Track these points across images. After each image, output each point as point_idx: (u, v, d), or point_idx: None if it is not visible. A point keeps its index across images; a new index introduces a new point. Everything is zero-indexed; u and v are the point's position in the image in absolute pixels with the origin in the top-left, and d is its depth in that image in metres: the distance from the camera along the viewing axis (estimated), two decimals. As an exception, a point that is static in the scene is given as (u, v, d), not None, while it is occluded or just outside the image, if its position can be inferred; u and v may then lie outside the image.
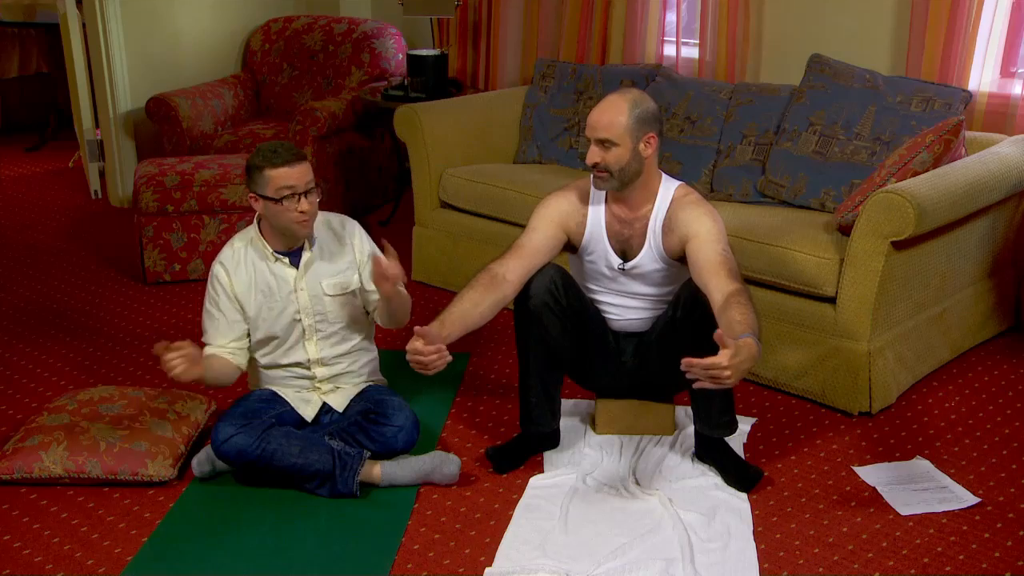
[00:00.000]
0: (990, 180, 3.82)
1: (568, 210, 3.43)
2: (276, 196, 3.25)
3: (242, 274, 3.41)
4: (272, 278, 3.40)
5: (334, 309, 3.47)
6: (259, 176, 3.26)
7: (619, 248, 3.41)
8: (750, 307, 3.01)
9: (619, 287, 3.47)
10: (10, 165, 7.09)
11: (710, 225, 3.23)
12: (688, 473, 3.40)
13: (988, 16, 4.30)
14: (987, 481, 3.38)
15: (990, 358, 4.24)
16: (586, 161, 3.26)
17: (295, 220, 3.29)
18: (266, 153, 3.28)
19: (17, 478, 3.31)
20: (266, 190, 3.26)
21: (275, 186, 3.24)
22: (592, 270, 3.49)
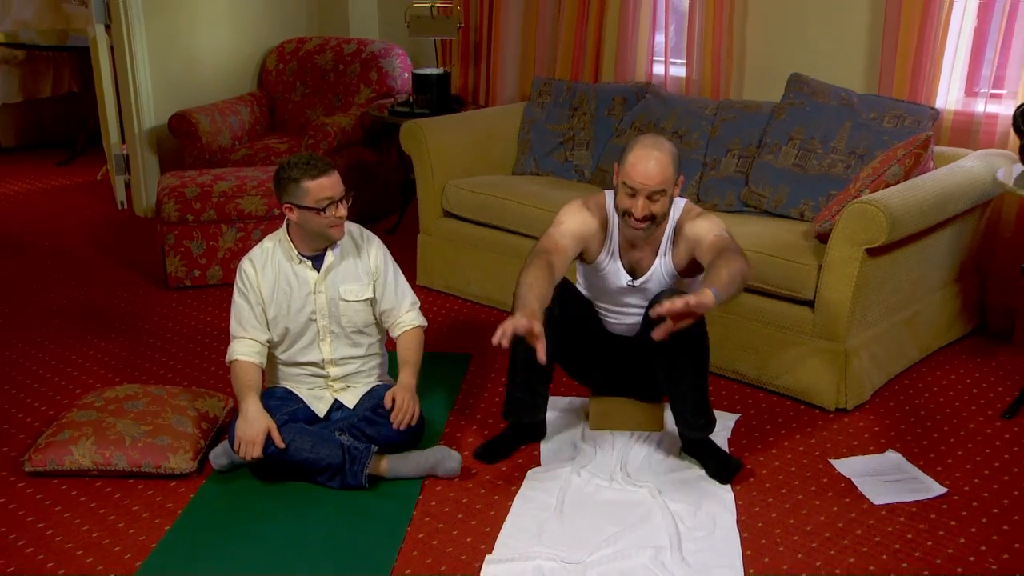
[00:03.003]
0: (957, 192, 3.82)
1: (591, 232, 3.37)
2: (318, 206, 3.28)
3: (268, 272, 3.43)
4: (294, 278, 3.42)
5: (348, 314, 3.47)
6: (296, 188, 3.28)
7: (629, 267, 3.40)
8: (729, 264, 3.05)
9: (624, 300, 3.47)
10: (43, 178, 7.10)
11: (708, 224, 3.27)
12: (676, 466, 3.40)
13: (953, 40, 4.32)
14: (953, 472, 3.39)
15: (956, 358, 4.25)
16: (634, 213, 3.18)
17: (332, 225, 3.33)
18: (301, 166, 3.29)
19: (49, 470, 3.32)
20: (305, 200, 3.28)
21: (315, 197, 3.27)
22: (601, 285, 3.48)
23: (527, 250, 4.39)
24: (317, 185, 3.27)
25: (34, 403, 3.87)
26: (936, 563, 2.91)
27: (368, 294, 3.49)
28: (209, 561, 2.94)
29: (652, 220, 3.21)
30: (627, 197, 3.19)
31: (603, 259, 3.41)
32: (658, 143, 3.22)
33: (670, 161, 3.18)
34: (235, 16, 6.25)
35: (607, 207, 3.40)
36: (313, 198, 3.27)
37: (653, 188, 3.14)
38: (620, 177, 3.23)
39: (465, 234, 4.81)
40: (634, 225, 3.22)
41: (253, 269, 3.43)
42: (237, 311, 3.44)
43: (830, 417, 3.76)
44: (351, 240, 3.51)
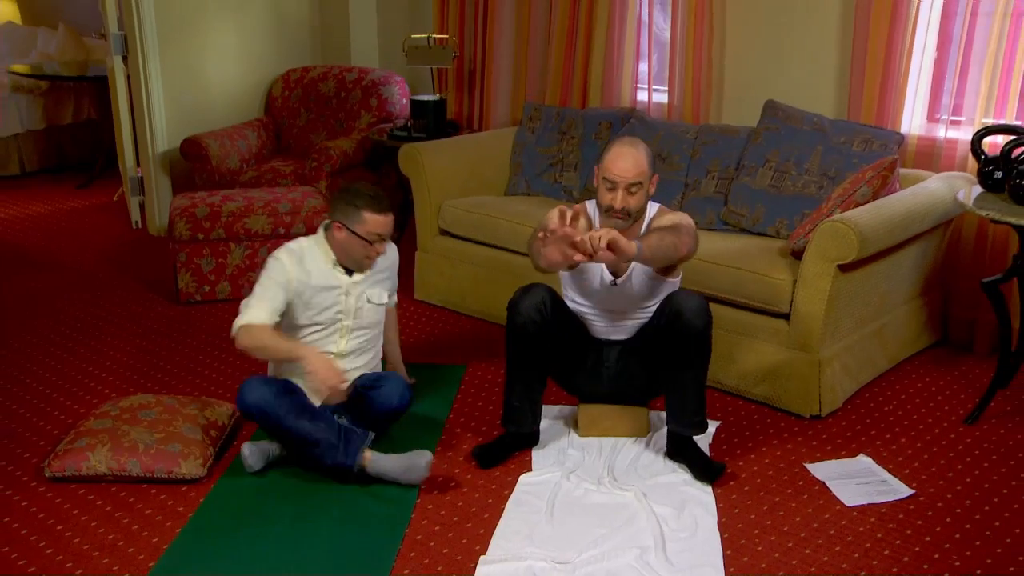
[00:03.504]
0: (921, 211, 3.84)
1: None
2: (368, 238, 3.39)
3: (304, 267, 3.44)
4: (328, 278, 3.47)
5: (369, 315, 3.57)
6: (356, 214, 3.38)
7: (611, 267, 3.40)
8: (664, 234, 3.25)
9: (608, 301, 3.49)
10: (63, 200, 7.10)
11: (672, 216, 3.42)
12: (660, 471, 3.40)
13: (915, 71, 4.35)
14: (920, 475, 3.40)
15: (922, 367, 4.26)
16: (613, 205, 3.28)
17: (368, 258, 3.44)
18: (369, 198, 3.40)
19: (68, 475, 3.32)
20: (358, 228, 3.38)
21: (369, 229, 3.39)
22: (586, 286, 3.49)
23: (519, 266, 4.45)
24: (375, 220, 3.39)
25: (53, 411, 3.86)
26: (904, 561, 2.92)
27: (385, 299, 3.60)
28: (217, 562, 2.93)
29: (630, 213, 3.30)
30: (607, 192, 3.29)
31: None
32: (634, 142, 3.34)
33: (645, 158, 3.30)
34: (243, 47, 6.26)
35: (588, 211, 3.51)
36: (367, 230, 3.38)
37: (631, 180, 3.25)
38: (600, 174, 3.32)
39: (460, 251, 4.82)
40: (615, 216, 3.30)
41: (290, 259, 3.42)
42: (261, 292, 3.39)
43: (805, 423, 3.76)
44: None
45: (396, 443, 3.54)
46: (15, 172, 7.66)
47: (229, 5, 6.09)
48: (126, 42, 5.92)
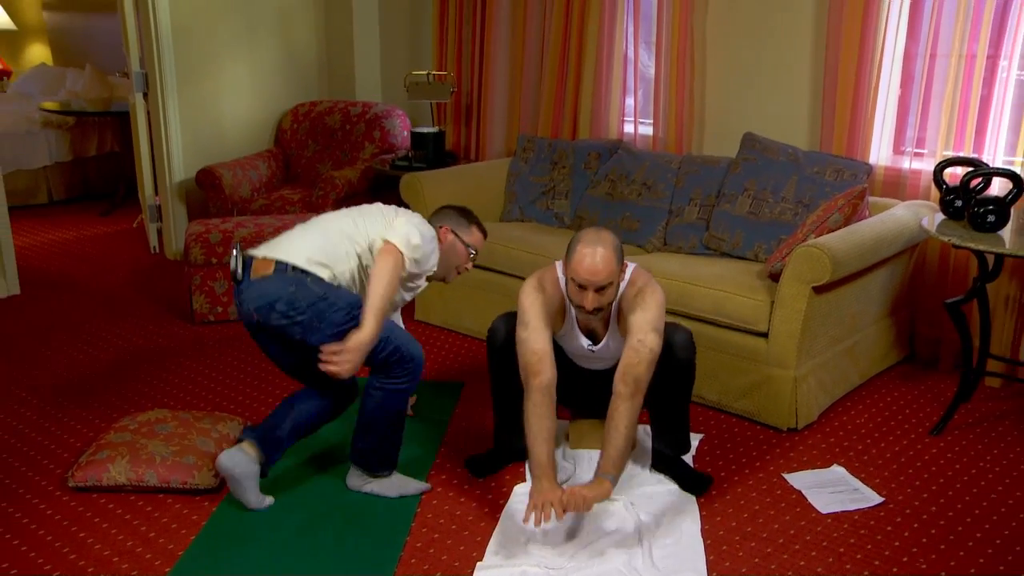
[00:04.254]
0: (889, 236, 3.85)
1: (553, 310, 3.23)
2: (470, 249, 3.50)
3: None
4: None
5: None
6: (467, 227, 3.50)
7: (587, 332, 3.32)
8: (623, 426, 2.99)
9: (589, 361, 3.44)
10: (87, 226, 7.10)
11: (640, 317, 3.11)
12: (646, 481, 3.39)
13: (881, 107, 4.38)
14: (890, 484, 3.39)
15: (891, 382, 4.26)
16: (585, 307, 3.06)
17: (460, 271, 3.53)
18: (477, 219, 3.55)
19: (89, 485, 3.31)
20: (466, 239, 3.49)
21: (475, 242, 3.51)
22: (568, 347, 3.42)
23: (514, 289, 4.42)
24: (480, 238, 3.53)
25: (76, 425, 3.84)
26: (875, 564, 2.92)
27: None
28: (228, 567, 2.91)
29: (601, 309, 3.10)
30: (577, 291, 3.07)
31: (565, 330, 3.34)
32: (599, 238, 3.07)
33: (613, 255, 3.04)
34: (254, 84, 6.27)
35: (560, 284, 3.25)
36: (474, 241, 3.50)
37: (600, 282, 3.03)
38: (568, 272, 3.10)
39: (458, 274, 4.82)
40: (585, 318, 3.23)
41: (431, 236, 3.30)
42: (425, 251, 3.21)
43: (782, 436, 3.76)
44: None
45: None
46: (44, 201, 7.70)
47: (242, 45, 6.11)
48: (147, 80, 5.94)
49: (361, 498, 3.28)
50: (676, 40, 4.88)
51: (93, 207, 7.65)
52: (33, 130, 7.47)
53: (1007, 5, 3.98)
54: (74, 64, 8.67)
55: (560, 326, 3.32)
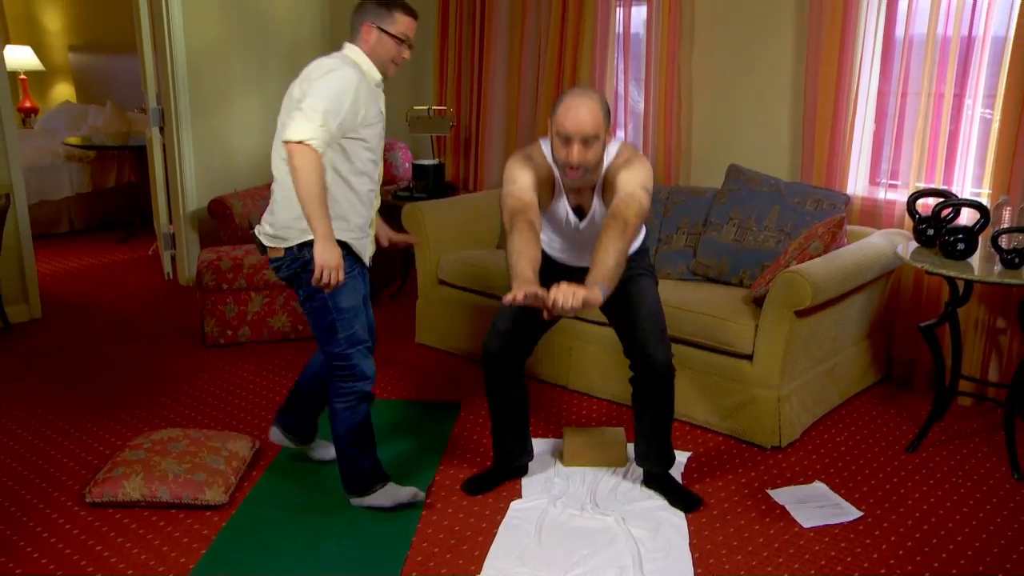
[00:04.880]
0: (866, 263, 3.85)
1: (541, 180, 3.03)
2: (401, 37, 3.06)
3: (365, 89, 2.99)
4: (377, 97, 3.10)
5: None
6: (388, 15, 3.04)
7: (575, 206, 3.12)
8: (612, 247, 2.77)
9: (576, 237, 3.21)
10: (106, 253, 7.09)
11: (627, 176, 2.93)
12: (637, 497, 3.37)
13: (857, 141, 4.41)
14: (868, 499, 3.38)
15: (869, 402, 4.25)
16: (570, 162, 2.87)
17: (395, 60, 3.09)
18: (401, 1, 3.07)
19: (105, 501, 3.29)
20: (392, 28, 3.04)
21: (403, 29, 3.06)
22: (555, 226, 3.20)
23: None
24: (408, 21, 3.07)
25: (93, 443, 3.82)
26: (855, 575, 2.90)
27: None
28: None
29: (588, 168, 2.91)
30: (561, 146, 2.88)
31: (553, 203, 3.12)
32: (586, 92, 2.90)
33: (599, 107, 2.86)
34: (264, 118, 6.28)
35: (547, 156, 3.05)
36: (399, 29, 3.05)
37: (587, 133, 2.83)
38: (553, 128, 2.90)
39: (457, 299, 4.80)
40: (570, 175, 2.93)
41: (357, 77, 2.97)
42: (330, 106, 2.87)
43: (767, 453, 3.74)
44: None
45: (396, 471, 3.51)
46: (65, 230, 7.71)
47: (253, 81, 6.12)
48: (163, 115, 5.96)
49: (363, 515, 3.25)
50: (664, 78, 4.90)
51: (111, 235, 7.65)
52: (57, 163, 7.50)
53: (970, 49, 4.01)
54: (96, 101, 8.73)
55: (548, 199, 3.10)
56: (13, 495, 3.42)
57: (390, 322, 5.34)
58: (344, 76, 2.93)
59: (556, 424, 3.98)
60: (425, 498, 3.36)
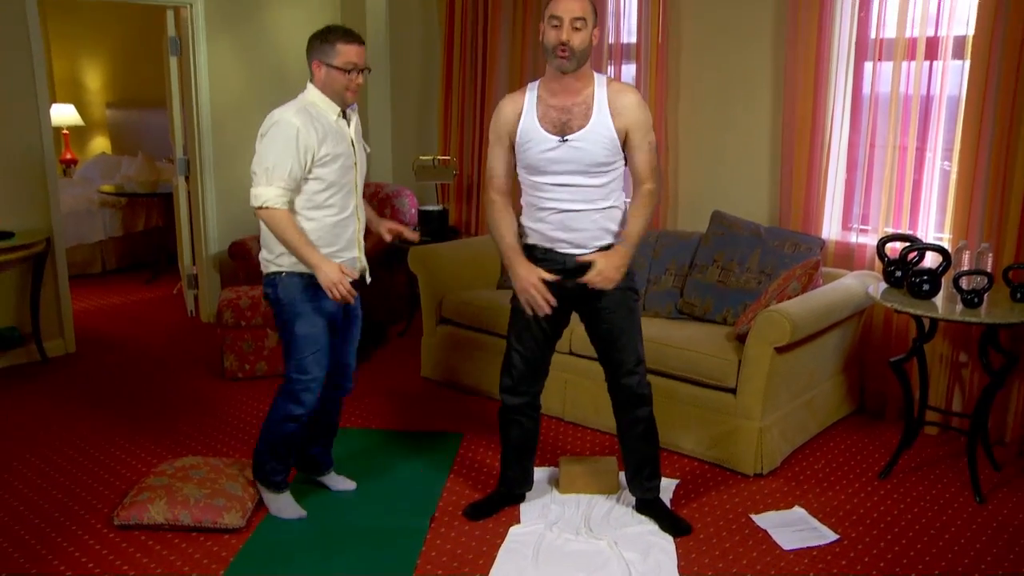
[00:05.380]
0: (840, 302, 3.87)
1: (509, 116, 3.06)
2: (344, 67, 3.04)
3: (315, 127, 3.05)
4: (339, 130, 3.13)
5: (363, 162, 3.26)
6: (331, 49, 3.04)
7: (556, 131, 3.00)
8: (642, 210, 3.08)
9: (559, 168, 3.03)
10: (133, 292, 7.11)
11: (642, 118, 3.03)
12: (629, 522, 3.36)
13: (831, 189, 4.44)
14: (844, 522, 3.37)
15: (844, 431, 4.24)
16: (559, 41, 2.89)
17: (347, 87, 3.07)
18: (340, 32, 3.06)
19: (132, 524, 3.29)
20: (334, 61, 3.03)
21: (344, 59, 3.03)
22: (532, 160, 3.05)
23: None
24: (348, 49, 3.04)
25: (120, 469, 3.82)
26: (835, 598, 2.88)
27: (368, 148, 3.33)
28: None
29: (575, 51, 2.90)
30: (552, 30, 2.91)
31: (523, 132, 3.04)
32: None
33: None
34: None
35: (527, 88, 3.08)
36: (343, 60, 3.03)
37: (576, 15, 2.88)
38: (546, 15, 2.93)
39: (459, 337, 4.81)
40: (560, 54, 2.90)
41: (303, 127, 3.01)
42: (281, 163, 2.98)
43: (749, 480, 3.73)
44: (354, 112, 3.26)
45: (401, 497, 3.50)
46: (98, 270, 7.74)
47: (272, 134, 6.17)
48: (188, 165, 6.00)
49: (370, 539, 3.24)
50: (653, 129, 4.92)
51: (140, 276, 7.67)
52: (92, 209, 7.59)
53: (929, 107, 4.08)
54: (128, 152, 8.85)
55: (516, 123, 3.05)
56: (47, 516, 3.42)
57: (397, 357, 5.34)
58: (281, 129, 3.00)
59: (553, 453, 3.97)
60: (429, 523, 3.34)
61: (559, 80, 2.99)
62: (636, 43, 4.97)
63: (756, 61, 4.63)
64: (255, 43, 6.00)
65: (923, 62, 4.04)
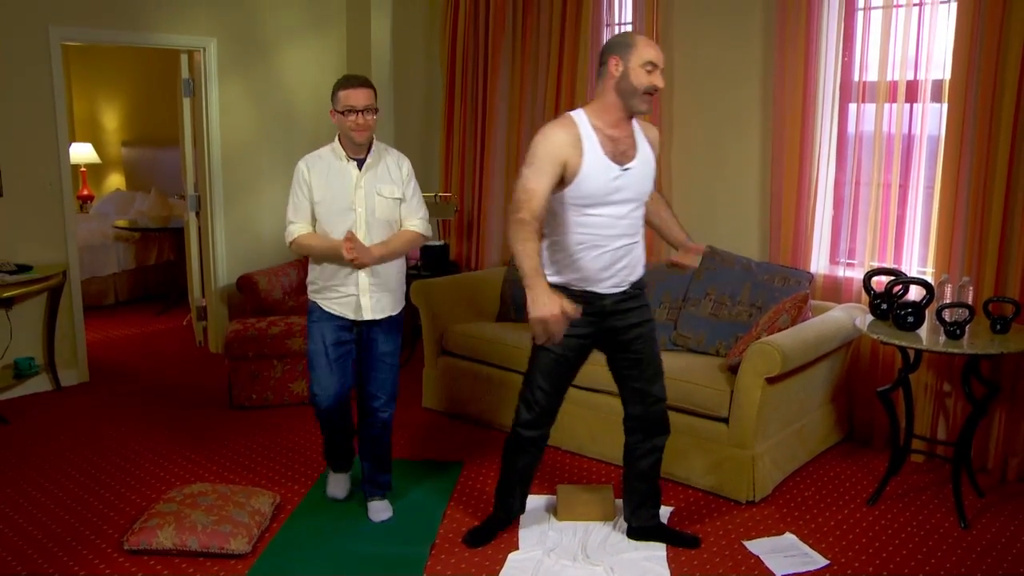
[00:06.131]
0: (829, 334, 3.88)
1: (565, 144, 2.89)
2: (341, 110, 3.27)
3: (318, 169, 3.38)
4: (340, 174, 3.36)
5: (380, 207, 3.37)
6: (335, 97, 3.30)
7: (616, 160, 2.95)
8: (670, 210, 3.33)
9: (619, 197, 2.97)
10: (145, 324, 7.12)
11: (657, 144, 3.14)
12: (625, 549, 3.34)
13: (819, 225, 4.49)
14: (834, 548, 3.36)
15: (834, 459, 4.24)
16: (652, 85, 2.88)
17: (351, 128, 3.27)
18: (343, 81, 3.31)
19: (141, 548, 3.28)
20: (338, 106, 3.29)
21: (343, 103, 3.27)
22: (595, 189, 2.92)
23: (509, 381, 4.44)
24: (345, 94, 3.27)
25: (131, 495, 3.81)
26: (825, 622, 2.87)
27: (397, 195, 3.41)
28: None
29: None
30: (647, 74, 2.87)
31: (589, 162, 2.90)
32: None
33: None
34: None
35: (571, 118, 2.95)
36: (342, 104, 3.27)
37: (663, 63, 2.93)
38: (636, 60, 2.87)
39: (460, 368, 4.81)
40: (650, 102, 2.93)
41: (306, 167, 3.39)
42: (294, 204, 3.41)
43: (742, 507, 3.72)
44: (392, 157, 3.45)
45: (403, 524, 3.49)
46: (111, 302, 7.77)
47: (278, 171, 6.22)
48: (199, 201, 6.04)
49: (370, 564, 3.22)
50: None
51: (151, 307, 7.68)
52: (107, 243, 7.64)
53: (911, 146, 4.13)
54: (142, 189, 8.93)
55: (579, 160, 2.89)
56: (60, 541, 3.41)
57: (400, 388, 5.32)
58: (295, 172, 3.42)
59: (550, 481, 3.96)
60: (430, 551, 3.33)
61: (616, 113, 2.95)
62: (630, 85, 5.02)
63: (745, 103, 4.69)
64: (265, 85, 6.07)
65: (904, 104, 4.10)
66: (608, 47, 2.95)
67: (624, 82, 2.90)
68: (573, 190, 2.90)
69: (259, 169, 6.15)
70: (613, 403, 4.08)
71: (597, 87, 2.99)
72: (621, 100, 2.93)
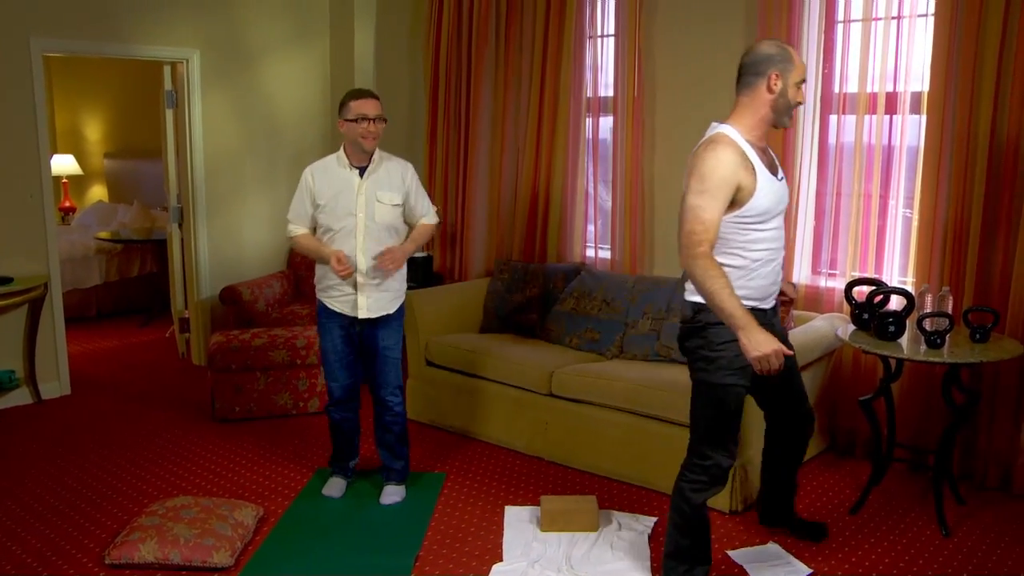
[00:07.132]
0: (811, 344, 3.90)
1: (738, 164, 2.80)
2: (352, 118, 3.54)
3: (322, 176, 3.66)
4: (344, 180, 3.63)
5: (379, 213, 3.63)
6: (344, 107, 3.58)
7: (771, 171, 2.94)
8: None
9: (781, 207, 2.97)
10: (127, 336, 7.08)
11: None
12: (608, 560, 3.35)
13: (800, 235, 4.50)
14: (817, 557, 3.38)
15: (816, 468, 4.26)
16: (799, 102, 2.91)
17: (361, 135, 3.55)
18: (352, 93, 3.61)
19: (123, 563, 3.26)
20: (347, 115, 3.57)
21: (354, 112, 3.55)
22: (768, 204, 2.87)
23: (494, 393, 4.44)
24: (357, 104, 3.56)
25: (112, 509, 3.78)
26: (808, 631, 2.87)
27: (398, 201, 3.67)
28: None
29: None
30: (797, 90, 2.88)
31: (761, 179, 2.85)
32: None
33: None
34: (271, 215, 6.35)
35: (736, 139, 2.87)
36: (352, 113, 3.55)
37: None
38: (795, 77, 2.86)
39: (444, 379, 4.81)
40: (793, 115, 2.97)
41: (311, 175, 3.68)
42: (295, 206, 3.71)
43: (727, 517, 3.73)
44: (395, 165, 3.71)
45: (385, 537, 3.48)
46: (93, 314, 7.72)
47: (262, 182, 6.22)
48: (182, 213, 6.02)
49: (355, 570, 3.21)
50: (629, 178, 5.00)
51: (133, 319, 7.64)
52: (89, 255, 7.58)
53: (891, 157, 4.17)
54: (124, 200, 8.89)
55: (754, 180, 2.83)
56: (39, 555, 3.38)
57: (384, 398, 5.32)
58: (301, 178, 3.71)
59: (534, 492, 3.96)
60: (414, 562, 3.32)
61: (764, 127, 2.92)
62: (613, 96, 5.05)
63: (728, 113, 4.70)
64: (248, 97, 6.06)
65: (884, 116, 4.14)
66: (767, 59, 2.85)
67: (782, 99, 2.87)
68: (749, 209, 2.82)
69: (242, 181, 6.14)
70: (598, 414, 4.09)
71: (744, 98, 2.91)
72: (774, 115, 2.90)
